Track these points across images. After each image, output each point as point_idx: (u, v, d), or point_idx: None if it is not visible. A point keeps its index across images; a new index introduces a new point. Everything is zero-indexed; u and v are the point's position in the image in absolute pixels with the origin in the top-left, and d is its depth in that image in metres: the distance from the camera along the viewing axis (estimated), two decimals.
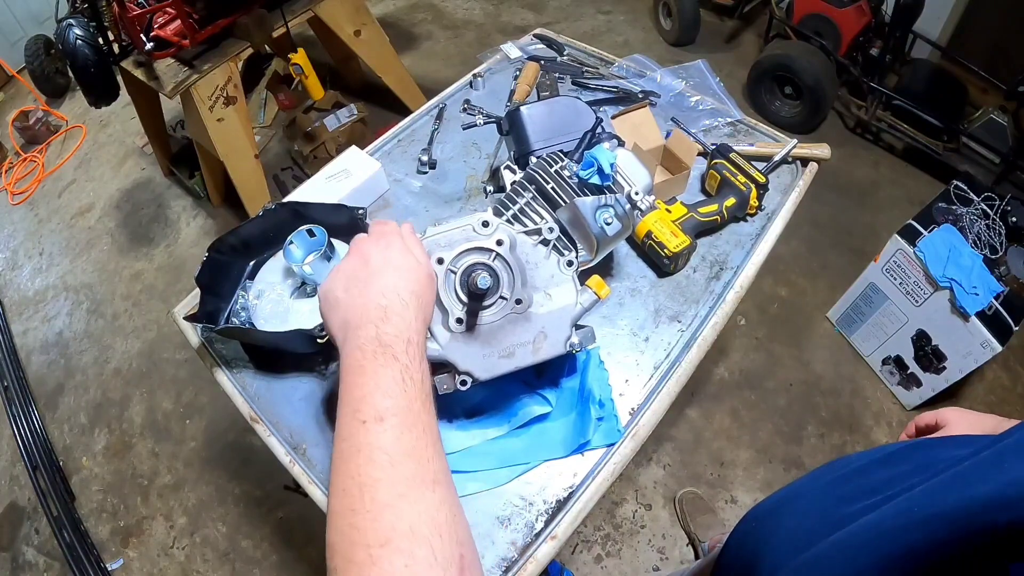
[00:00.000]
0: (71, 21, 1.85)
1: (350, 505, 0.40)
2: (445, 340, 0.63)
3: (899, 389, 1.80)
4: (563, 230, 0.75)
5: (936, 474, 0.40)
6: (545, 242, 0.67)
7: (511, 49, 1.37)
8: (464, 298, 0.63)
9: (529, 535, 0.71)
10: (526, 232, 0.67)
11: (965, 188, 1.69)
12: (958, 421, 0.63)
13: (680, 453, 1.75)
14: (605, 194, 0.77)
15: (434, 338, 0.62)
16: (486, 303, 0.63)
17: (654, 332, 0.87)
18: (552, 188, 0.77)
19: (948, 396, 1.72)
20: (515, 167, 0.89)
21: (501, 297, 0.64)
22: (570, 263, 0.66)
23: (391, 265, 0.53)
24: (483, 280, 0.60)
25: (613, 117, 1.06)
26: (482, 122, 1.03)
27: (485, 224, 0.64)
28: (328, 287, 0.54)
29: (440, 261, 0.62)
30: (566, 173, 0.79)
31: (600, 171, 0.76)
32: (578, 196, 0.76)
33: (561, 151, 0.86)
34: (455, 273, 0.63)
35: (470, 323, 0.63)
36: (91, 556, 1.72)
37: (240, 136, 2.07)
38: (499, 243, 0.63)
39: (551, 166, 0.79)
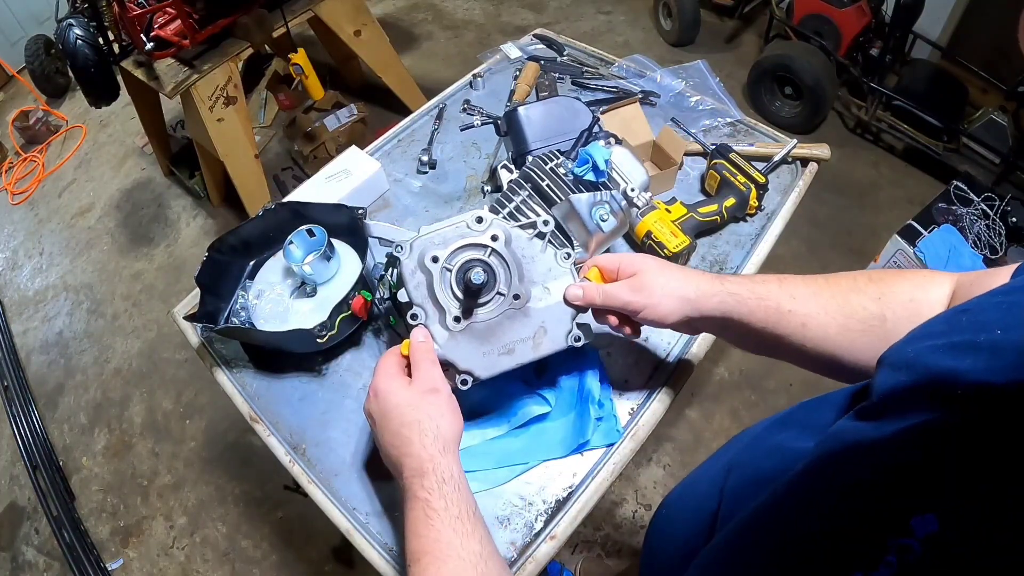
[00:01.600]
0: (71, 21, 1.85)
1: None
2: (443, 339, 0.62)
3: None
4: (559, 227, 0.76)
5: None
6: (541, 235, 0.66)
7: (511, 49, 1.37)
8: (461, 295, 0.62)
9: (528, 535, 0.71)
10: (521, 227, 0.66)
11: (965, 188, 1.69)
12: (650, 268, 0.63)
13: (680, 453, 1.74)
14: (600, 191, 0.77)
15: (432, 337, 0.62)
16: (483, 300, 0.63)
17: (654, 332, 0.87)
18: (547, 185, 0.77)
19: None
20: (512, 166, 0.89)
21: (498, 293, 0.63)
22: (568, 255, 0.66)
23: (384, 414, 0.57)
24: (477, 275, 0.60)
25: (603, 112, 1.06)
26: (481, 122, 1.04)
27: (479, 220, 0.63)
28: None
29: (435, 259, 0.62)
30: (561, 170, 0.79)
31: (595, 168, 0.76)
32: (573, 193, 0.76)
33: (558, 150, 0.87)
34: (450, 271, 0.63)
35: (468, 320, 0.62)
36: (91, 556, 1.72)
37: (240, 136, 2.07)
38: (494, 238, 0.63)
39: (546, 164, 0.80)
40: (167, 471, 1.89)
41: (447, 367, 0.63)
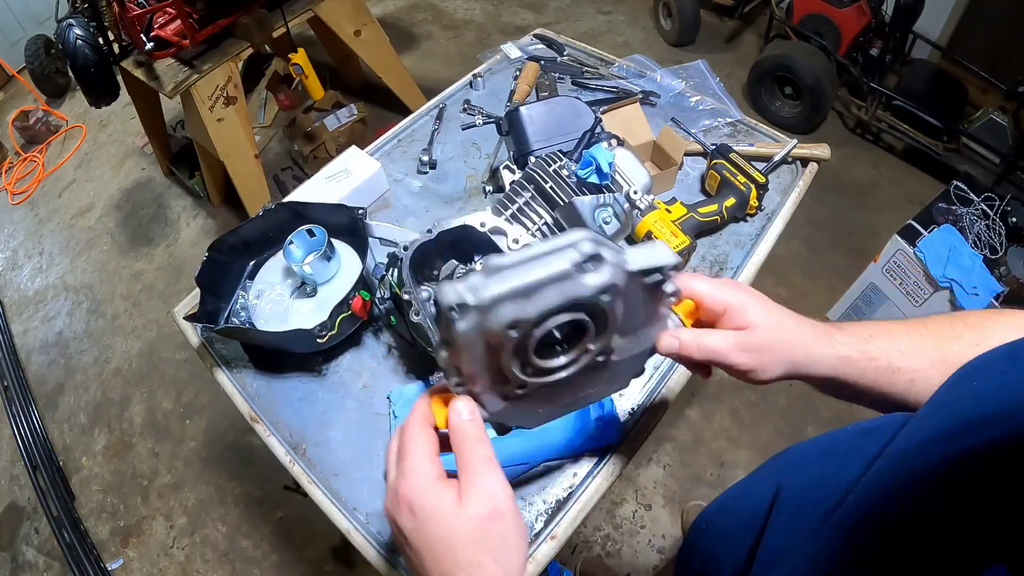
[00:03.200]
0: (71, 21, 1.85)
1: None
2: (496, 408, 0.45)
3: None
4: (562, 229, 0.75)
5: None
6: (656, 285, 0.46)
7: (511, 49, 1.37)
8: (534, 362, 0.42)
9: (529, 535, 0.71)
10: (635, 274, 0.44)
11: (965, 188, 1.68)
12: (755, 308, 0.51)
13: (680, 453, 1.74)
14: (603, 193, 0.77)
15: (482, 405, 0.44)
16: (564, 362, 0.44)
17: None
18: (551, 187, 0.77)
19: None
20: (514, 167, 0.89)
21: (585, 350, 0.44)
22: (674, 297, 0.47)
23: (428, 544, 0.40)
24: (558, 359, 0.42)
25: (603, 112, 1.06)
26: (481, 122, 1.04)
27: (593, 261, 0.39)
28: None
29: (514, 326, 0.38)
30: (564, 172, 0.79)
31: (598, 170, 0.76)
32: (576, 195, 0.76)
33: (560, 151, 0.87)
34: (533, 339, 0.41)
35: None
36: (91, 556, 1.72)
37: (240, 136, 2.07)
38: (606, 292, 0.40)
39: (550, 165, 0.80)
40: (167, 471, 1.89)
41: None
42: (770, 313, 0.51)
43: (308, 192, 1.05)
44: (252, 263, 0.96)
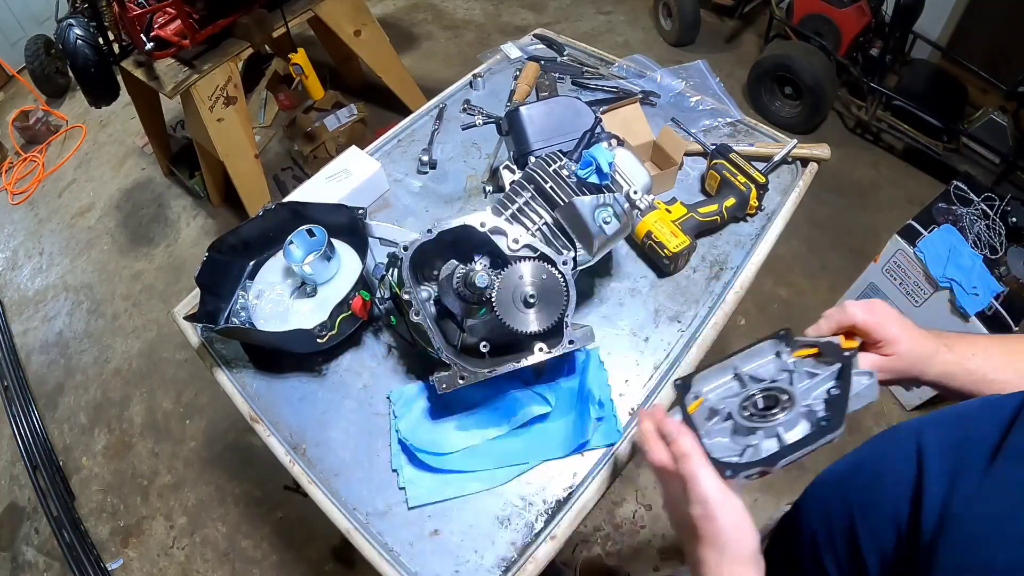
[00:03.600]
0: (71, 21, 1.85)
1: None
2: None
3: (899, 389, 1.80)
4: (561, 229, 0.76)
5: None
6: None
7: (511, 49, 1.37)
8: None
9: (529, 535, 0.71)
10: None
11: (965, 188, 1.68)
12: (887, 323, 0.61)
13: None
14: (603, 193, 0.77)
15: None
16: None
17: (654, 332, 0.88)
18: (551, 187, 0.77)
19: (948, 397, 1.72)
20: (514, 167, 0.89)
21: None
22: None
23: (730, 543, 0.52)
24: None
25: (603, 112, 1.05)
26: (481, 122, 1.04)
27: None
28: None
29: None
30: (565, 172, 0.79)
31: (598, 170, 0.76)
32: (576, 195, 0.76)
33: (560, 151, 0.87)
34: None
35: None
36: (91, 556, 1.72)
37: (240, 136, 2.07)
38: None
39: (550, 165, 0.80)
40: (167, 471, 1.89)
41: (447, 368, 0.59)
42: (912, 342, 0.61)
43: (308, 192, 1.05)
44: (252, 263, 0.96)
